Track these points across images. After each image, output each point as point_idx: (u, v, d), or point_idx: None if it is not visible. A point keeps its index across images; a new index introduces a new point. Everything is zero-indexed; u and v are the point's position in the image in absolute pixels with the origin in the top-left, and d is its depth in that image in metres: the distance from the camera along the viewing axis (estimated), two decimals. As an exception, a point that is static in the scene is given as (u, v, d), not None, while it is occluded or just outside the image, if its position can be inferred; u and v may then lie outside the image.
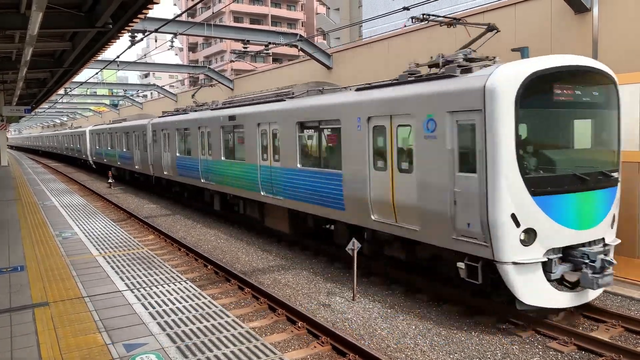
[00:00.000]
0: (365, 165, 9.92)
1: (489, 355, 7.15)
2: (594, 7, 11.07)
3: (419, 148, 8.68)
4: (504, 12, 13.73)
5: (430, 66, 9.33)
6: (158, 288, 7.45)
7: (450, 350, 7.33)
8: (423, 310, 8.88)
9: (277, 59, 62.88)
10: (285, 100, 13.14)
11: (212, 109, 17.60)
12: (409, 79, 9.42)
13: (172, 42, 19.39)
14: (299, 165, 12.17)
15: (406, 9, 12.53)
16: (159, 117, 23.61)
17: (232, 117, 15.33)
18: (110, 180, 29.63)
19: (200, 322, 6.07)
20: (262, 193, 13.78)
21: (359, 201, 10.12)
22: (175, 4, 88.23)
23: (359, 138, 10.03)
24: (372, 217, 9.86)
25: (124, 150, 28.15)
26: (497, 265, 7.56)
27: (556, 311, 8.17)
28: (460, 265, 8.17)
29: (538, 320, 7.86)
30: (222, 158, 16.03)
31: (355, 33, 42.67)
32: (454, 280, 8.91)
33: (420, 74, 9.46)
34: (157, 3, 9.07)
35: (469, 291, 8.85)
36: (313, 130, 11.82)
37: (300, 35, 20.71)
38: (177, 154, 20.01)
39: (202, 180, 17.67)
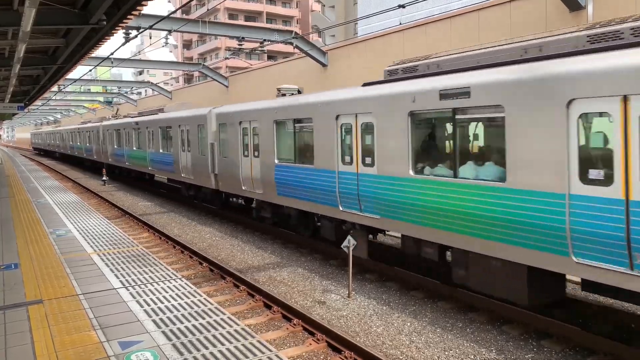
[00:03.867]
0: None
1: (483, 352, 7.18)
2: (589, 5, 11.12)
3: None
4: (498, 10, 13.74)
5: None
6: (153, 286, 7.43)
7: (445, 347, 7.36)
8: (418, 308, 8.91)
9: (272, 56, 62.74)
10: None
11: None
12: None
13: (166, 39, 19.32)
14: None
15: (401, 6, 12.55)
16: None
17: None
18: (104, 178, 29.50)
19: (196, 320, 6.06)
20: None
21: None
22: (169, 1, 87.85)
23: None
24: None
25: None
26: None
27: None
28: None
29: (532, 317, 7.90)
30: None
31: (350, 31, 42.63)
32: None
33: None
34: (152, 0, 9.02)
35: (465, 288, 8.90)
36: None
37: (296, 33, 20.67)
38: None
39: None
